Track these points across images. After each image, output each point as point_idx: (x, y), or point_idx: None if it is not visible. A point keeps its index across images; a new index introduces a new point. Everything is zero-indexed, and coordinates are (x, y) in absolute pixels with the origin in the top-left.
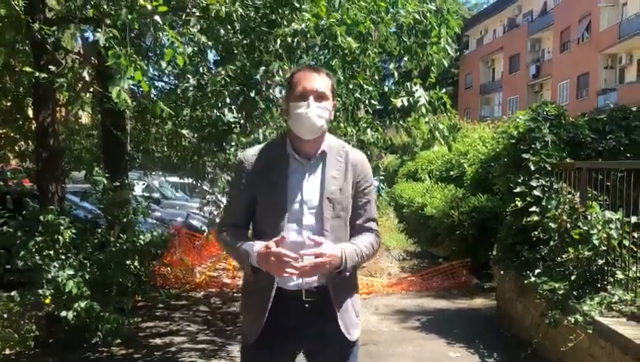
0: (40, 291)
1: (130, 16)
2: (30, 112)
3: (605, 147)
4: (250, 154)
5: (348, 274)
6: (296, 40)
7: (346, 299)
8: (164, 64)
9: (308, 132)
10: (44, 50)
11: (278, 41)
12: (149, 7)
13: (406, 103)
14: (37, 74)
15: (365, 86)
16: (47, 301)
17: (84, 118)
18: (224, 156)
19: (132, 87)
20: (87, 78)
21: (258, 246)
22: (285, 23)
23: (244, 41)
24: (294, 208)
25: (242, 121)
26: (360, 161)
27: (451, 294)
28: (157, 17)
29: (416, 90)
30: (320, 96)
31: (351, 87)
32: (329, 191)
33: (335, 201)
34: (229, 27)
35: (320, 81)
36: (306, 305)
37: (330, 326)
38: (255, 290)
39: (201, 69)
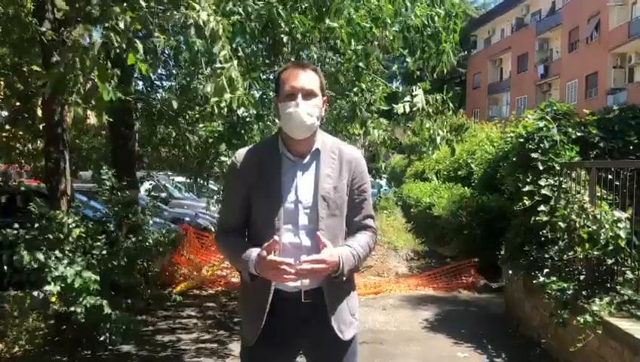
0: (47, 288)
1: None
2: (39, 112)
3: (614, 146)
4: (243, 154)
5: (344, 279)
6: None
7: (340, 299)
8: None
9: (298, 131)
10: (54, 50)
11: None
12: (117, 9)
13: (407, 110)
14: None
15: (366, 89)
16: (54, 299)
17: (92, 118)
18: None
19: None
20: (96, 80)
21: (255, 253)
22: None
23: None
24: (289, 208)
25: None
26: (354, 157)
27: (459, 294)
28: (121, 24)
29: (417, 94)
30: (308, 94)
31: (355, 89)
32: (323, 189)
33: (330, 200)
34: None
35: (307, 79)
36: (305, 306)
37: (323, 326)
38: (253, 293)
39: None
